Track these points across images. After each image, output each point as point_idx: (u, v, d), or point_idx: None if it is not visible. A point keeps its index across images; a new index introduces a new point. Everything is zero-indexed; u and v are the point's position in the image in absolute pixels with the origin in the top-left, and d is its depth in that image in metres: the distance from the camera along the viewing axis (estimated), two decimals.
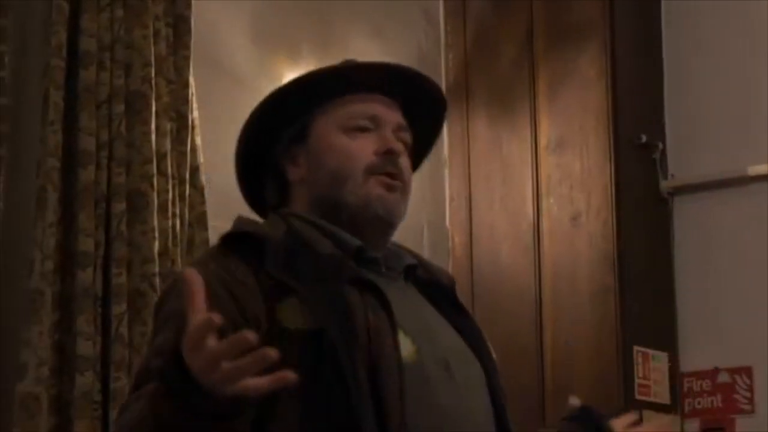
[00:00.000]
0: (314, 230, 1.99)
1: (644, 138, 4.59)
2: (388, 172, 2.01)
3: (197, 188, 3.65)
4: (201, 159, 3.67)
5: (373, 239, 2.02)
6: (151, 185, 3.46)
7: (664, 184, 4.67)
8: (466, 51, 4.85)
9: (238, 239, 1.96)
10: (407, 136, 2.08)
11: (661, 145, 4.67)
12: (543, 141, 4.61)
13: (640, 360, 4.30)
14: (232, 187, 3.93)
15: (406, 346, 1.88)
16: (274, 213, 2.06)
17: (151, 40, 3.54)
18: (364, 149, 2.02)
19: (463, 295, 4.67)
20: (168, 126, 3.57)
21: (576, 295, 4.42)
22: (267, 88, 4.10)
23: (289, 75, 4.25)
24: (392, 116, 2.06)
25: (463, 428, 1.88)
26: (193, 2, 3.69)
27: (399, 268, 2.05)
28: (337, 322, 1.82)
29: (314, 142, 2.04)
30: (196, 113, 3.68)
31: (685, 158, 4.68)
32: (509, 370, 4.41)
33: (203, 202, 3.66)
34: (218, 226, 3.76)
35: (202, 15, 3.82)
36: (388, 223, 2.04)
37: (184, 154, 3.61)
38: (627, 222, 4.44)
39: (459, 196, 4.79)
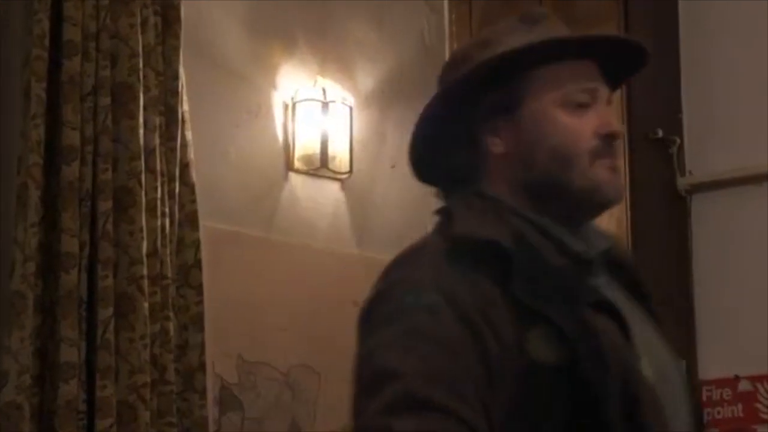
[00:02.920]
0: (535, 232, 1.86)
1: (660, 132, 4.64)
2: (611, 155, 1.91)
3: (187, 186, 3.66)
4: (191, 155, 3.68)
5: (581, 224, 1.94)
6: (139, 182, 3.46)
7: (682, 182, 4.71)
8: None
9: (477, 249, 1.80)
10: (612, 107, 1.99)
11: (678, 141, 4.71)
12: None
13: None
14: (224, 185, 3.99)
15: (648, 373, 1.80)
16: (478, 196, 1.92)
17: (139, 29, 3.54)
18: (585, 128, 1.89)
19: None
20: (157, 120, 3.57)
21: None
22: (261, 80, 4.16)
23: (285, 66, 4.28)
24: (604, 88, 1.95)
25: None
26: None
27: (599, 260, 1.93)
28: (591, 356, 1.72)
29: (528, 115, 1.90)
30: (186, 106, 3.69)
31: (704, 154, 4.71)
32: None
33: (194, 201, 3.67)
34: (209, 225, 3.78)
35: (192, 2, 3.83)
36: (610, 207, 1.94)
37: (174, 149, 3.62)
38: (642, 221, 4.48)
39: None
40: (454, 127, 1.95)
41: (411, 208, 4.65)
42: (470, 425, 1.63)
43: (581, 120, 1.89)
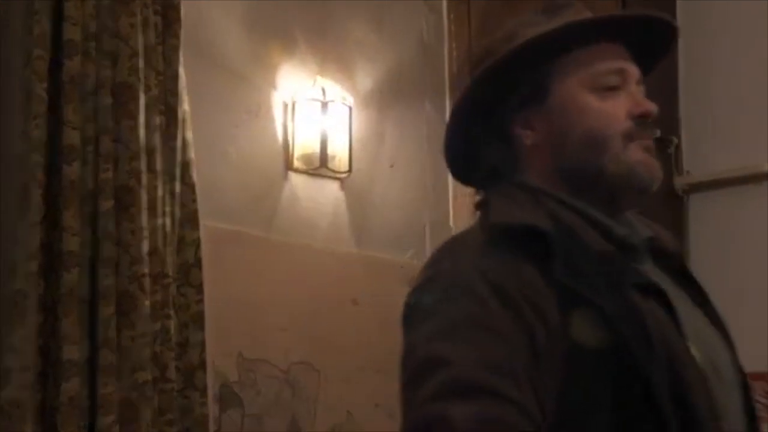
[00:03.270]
0: (575, 216, 1.84)
1: (658, 132, 4.61)
2: (646, 136, 1.88)
3: (188, 185, 3.67)
4: (192, 154, 3.68)
5: (622, 211, 1.91)
6: (140, 182, 3.47)
7: (679, 181, 4.70)
8: (470, 42, 4.85)
9: (516, 234, 1.78)
10: (644, 87, 1.94)
11: (675, 140, 4.71)
12: None
13: None
14: (224, 184, 4.01)
15: (696, 356, 1.78)
16: (514, 186, 1.91)
17: (139, 29, 3.54)
18: (617, 111, 1.86)
19: None
20: (157, 119, 3.57)
21: None
22: (260, 80, 4.18)
23: (284, 66, 4.29)
24: (633, 68, 1.91)
25: (731, 419, 1.80)
26: None
27: (643, 246, 1.91)
28: (635, 338, 1.69)
29: (557, 103, 1.88)
30: (186, 106, 3.69)
31: (701, 154, 4.70)
32: None
33: (194, 200, 3.68)
34: (210, 225, 3.80)
35: (192, 2, 3.84)
36: (649, 190, 1.89)
37: (174, 149, 3.62)
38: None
39: (462, 194, 4.78)
40: (485, 124, 1.93)
41: (410, 207, 4.68)
42: (521, 408, 1.62)
43: (613, 103, 1.86)
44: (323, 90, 4.37)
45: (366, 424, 4.34)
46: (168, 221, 3.58)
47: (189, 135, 3.69)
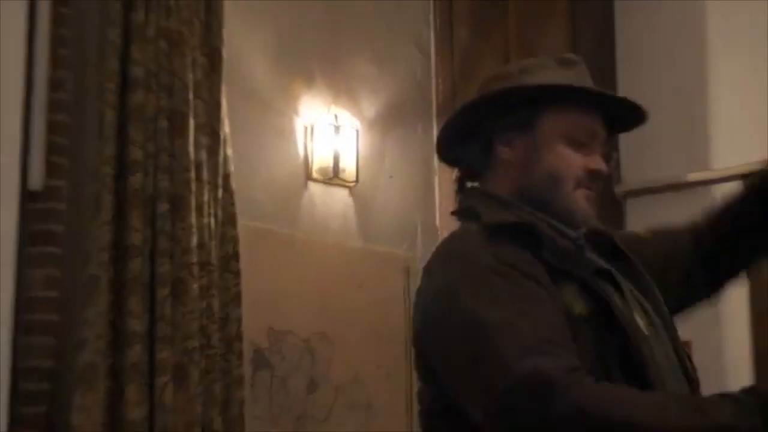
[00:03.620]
0: (542, 222, 1.85)
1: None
2: (591, 188, 1.90)
3: (228, 192, 3.65)
4: (231, 168, 3.67)
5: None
6: (190, 189, 3.46)
7: (618, 189, 4.66)
8: (453, 76, 4.83)
9: (509, 229, 1.79)
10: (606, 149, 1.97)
11: (616, 155, 4.63)
12: None
13: None
14: (257, 192, 4.00)
15: (641, 324, 1.79)
16: (485, 195, 1.92)
17: (190, 68, 3.54)
18: (578, 161, 1.88)
19: None
20: (203, 140, 3.57)
21: None
22: (286, 108, 4.17)
23: (305, 97, 4.27)
24: (603, 132, 1.93)
25: (674, 380, 1.79)
26: (223, 33, 3.69)
27: (583, 241, 1.92)
28: (611, 307, 1.72)
29: (538, 138, 1.88)
30: (227, 129, 3.67)
31: (638, 166, 4.66)
32: None
33: (233, 204, 3.66)
34: (245, 224, 3.79)
35: (231, 45, 3.82)
36: (581, 227, 1.92)
37: (217, 163, 3.61)
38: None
39: (447, 199, 4.74)
40: (476, 129, 1.93)
41: (404, 210, 4.68)
42: (570, 362, 1.60)
43: (577, 154, 1.87)
44: (336, 116, 4.36)
45: (369, 382, 4.33)
46: (212, 221, 3.57)
47: (229, 152, 3.68)
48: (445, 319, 1.72)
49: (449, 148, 2.01)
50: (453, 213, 1.97)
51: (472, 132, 1.94)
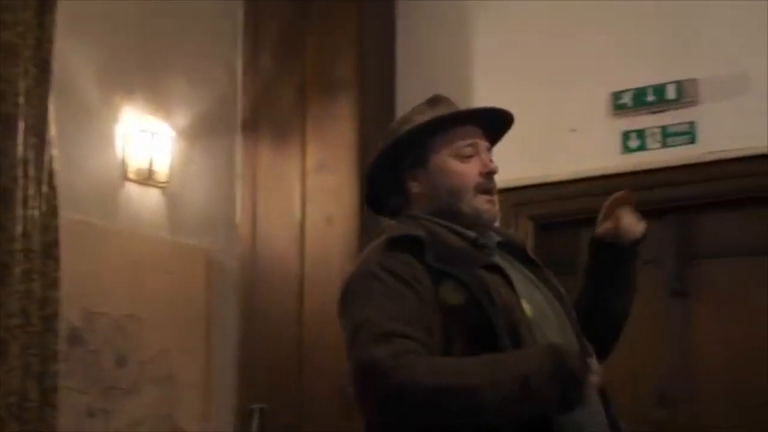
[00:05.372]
0: (442, 229, 1.97)
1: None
2: (490, 189, 2.02)
3: (52, 188, 3.63)
4: (56, 166, 3.64)
5: (480, 232, 2.03)
6: (17, 184, 3.44)
7: None
8: (257, 95, 4.84)
9: (402, 240, 1.91)
10: (491, 152, 2.09)
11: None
12: (309, 163, 4.63)
13: None
14: (80, 188, 4.00)
15: (527, 309, 1.89)
16: (405, 216, 2.03)
17: (22, 76, 3.52)
18: (472, 171, 2.01)
19: (246, 273, 4.71)
20: (31, 140, 3.54)
21: (328, 275, 4.43)
22: (107, 116, 4.17)
23: (125, 107, 4.25)
24: (483, 141, 2.05)
25: None
26: (54, 48, 3.65)
27: (493, 244, 2.04)
28: (483, 297, 1.82)
29: (433, 166, 2.02)
30: (53, 132, 3.65)
31: None
32: (278, 327, 4.57)
33: (56, 198, 3.64)
34: (68, 216, 3.75)
35: (62, 60, 3.78)
36: (490, 225, 2.06)
37: (43, 162, 3.58)
38: (366, 224, 4.44)
39: (247, 200, 4.79)
40: (388, 176, 2.06)
41: (209, 209, 4.68)
42: (420, 341, 1.75)
43: (468, 166, 2.01)
44: (152, 125, 4.36)
45: (172, 358, 4.35)
46: (36, 212, 3.54)
47: (55, 152, 3.65)
48: (341, 309, 1.91)
49: (373, 202, 2.15)
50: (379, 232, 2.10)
51: (387, 181, 2.07)
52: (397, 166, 2.05)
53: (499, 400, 1.70)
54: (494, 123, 2.11)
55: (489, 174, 2.03)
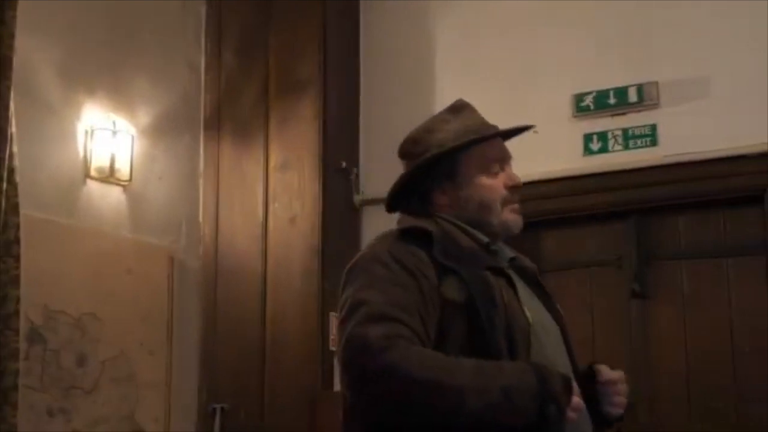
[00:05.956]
0: (457, 229, 2.03)
1: (344, 164, 4.67)
2: (515, 201, 2.09)
3: (12, 184, 3.59)
4: (16, 163, 3.61)
5: (497, 240, 2.09)
6: None
7: (357, 198, 4.73)
8: (220, 94, 4.84)
9: (413, 232, 1.96)
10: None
11: (356, 170, 4.75)
12: (272, 162, 4.64)
13: (333, 322, 4.33)
14: (41, 186, 3.99)
15: (529, 315, 1.93)
16: (427, 216, 2.06)
17: None
18: (499, 185, 2.08)
19: (208, 272, 4.71)
20: None
21: (290, 275, 4.48)
22: (69, 113, 4.16)
23: (87, 104, 4.24)
24: (508, 154, 2.13)
25: (560, 368, 1.92)
26: (15, 43, 3.62)
27: (506, 256, 2.10)
28: (482, 296, 1.87)
29: (463, 181, 2.08)
30: (14, 129, 3.61)
31: (373, 180, 4.74)
32: (241, 327, 4.57)
33: (16, 195, 3.61)
34: (28, 213, 3.73)
35: (23, 57, 3.76)
36: (515, 234, 2.11)
37: (3, 159, 3.55)
38: (329, 224, 4.51)
39: (209, 199, 4.79)
40: (412, 186, 2.09)
41: (171, 207, 4.67)
42: (413, 329, 1.79)
43: (496, 180, 2.08)
44: (114, 123, 4.34)
45: (133, 358, 4.34)
46: None
47: (15, 149, 3.61)
48: (343, 284, 1.94)
49: (394, 206, 2.18)
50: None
51: (410, 189, 2.10)
52: (424, 176, 2.10)
53: (481, 406, 1.73)
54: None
55: (514, 188, 2.11)
